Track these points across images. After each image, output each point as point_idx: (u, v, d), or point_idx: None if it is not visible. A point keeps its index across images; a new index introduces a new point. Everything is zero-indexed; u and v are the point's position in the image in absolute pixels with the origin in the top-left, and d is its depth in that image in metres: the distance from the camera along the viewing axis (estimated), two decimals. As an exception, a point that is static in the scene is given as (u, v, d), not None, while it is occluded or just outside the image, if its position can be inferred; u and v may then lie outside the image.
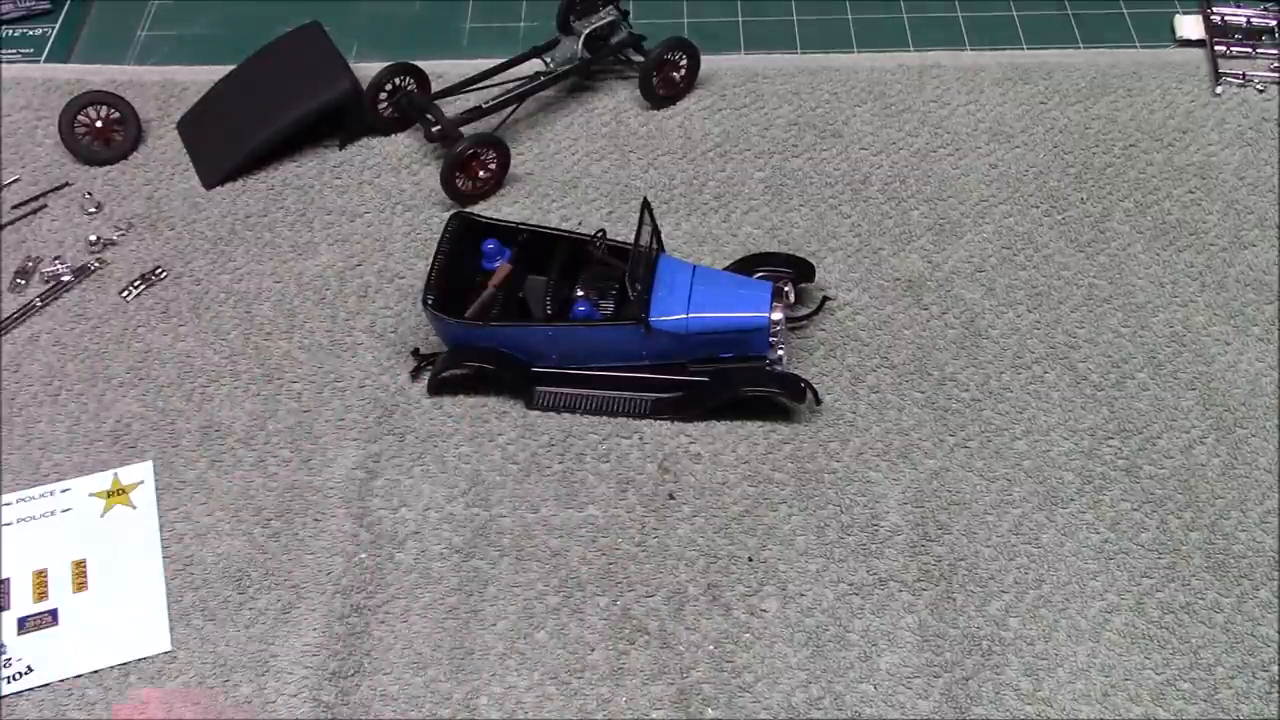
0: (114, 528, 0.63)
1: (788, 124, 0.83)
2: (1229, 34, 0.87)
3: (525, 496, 0.65)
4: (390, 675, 0.58)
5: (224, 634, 0.60)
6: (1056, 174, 0.79)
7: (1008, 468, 0.65)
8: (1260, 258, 0.74)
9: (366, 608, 0.61)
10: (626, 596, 0.61)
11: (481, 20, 0.92)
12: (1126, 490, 0.64)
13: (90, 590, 0.61)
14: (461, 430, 0.67)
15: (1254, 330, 0.71)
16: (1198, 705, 0.57)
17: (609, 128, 0.83)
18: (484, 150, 0.78)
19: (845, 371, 0.70)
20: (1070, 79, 0.85)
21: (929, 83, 0.85)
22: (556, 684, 0.58)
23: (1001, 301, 0.73)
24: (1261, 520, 0.63)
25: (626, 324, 0.66)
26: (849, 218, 0.77)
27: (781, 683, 0.58)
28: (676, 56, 0.83)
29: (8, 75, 0.87)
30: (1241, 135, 0.81)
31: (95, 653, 0.59)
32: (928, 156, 0.81)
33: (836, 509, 0.64)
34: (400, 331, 0.72)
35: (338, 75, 0.81)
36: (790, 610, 0.60)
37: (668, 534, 0.63)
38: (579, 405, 0.68)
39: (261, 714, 0.57)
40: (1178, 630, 0.59)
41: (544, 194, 0.79)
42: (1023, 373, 0.69)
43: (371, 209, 0.78)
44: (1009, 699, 0.57)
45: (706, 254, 0.75)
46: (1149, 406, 0.68)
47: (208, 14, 0.93)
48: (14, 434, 0.68)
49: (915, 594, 0.61)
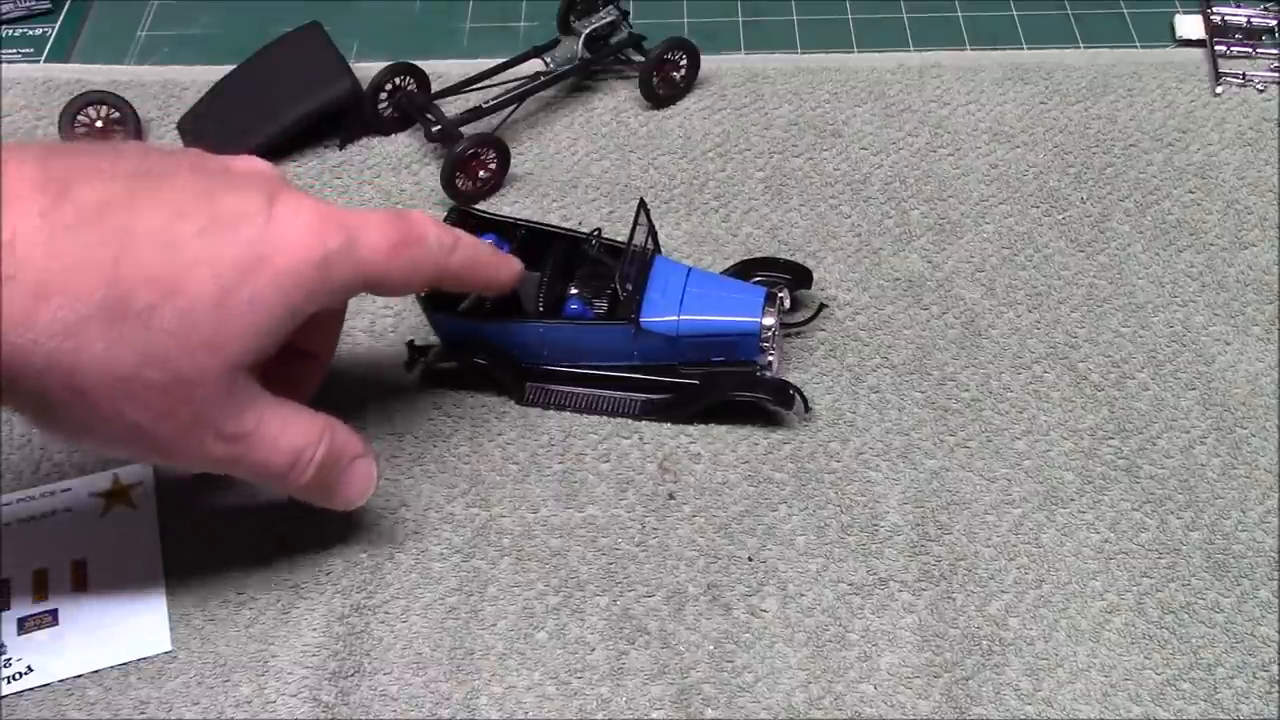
0: (114, 528, 0.63)
1: (788, 124, 0.83)
2: (1229, 34, 0.87)
3: (525, 496, 0.65)
4: (390, 675, 0.58)
5: (224, 634, 0.60)
6: (1056, 174, 0.79)
7: (1008, 468, 0.65)
8: (1260, 258, 0.74)
9: (366, 608, 0.61)
10: (626, 596, 0.61)
11: (481, 20, 0.92)
12: (1126, 490, 0.64)
13: (90, 590, 0.61)
14: (461, 430, 0.67)
15: (1254, 330, 0.71)
16: (1198, 705, 0.57)
17: (609, 128, 0.83)
18: (484, 150, 0.78)
19: (845, 371, 0.70)
20: (1070, 79, 0.85)
21: (929, 83, 0.85)
22: (556, 684, 0.58)
23: (1001, 301, 0.73)
24: (1261, 520, 0.63)
25: (617, 324, 0.66)
26: (849, 218, 0.77)
27: (781, 683, 0.58)
28: (676, 56, 0.83)
29: (8, 75, 0.87)
30: (1241, 135, 0.81)
31: (95, 653, 0.59)
32: (928, 156, 0.81)
33: (836, 509, 0.64)
34: (400, 331, 0.72)
35: (338, 75, 0.81)
36: (790, 610, 0.60)
37: (668, 534, 0.63)
38: (569, 403, 0.68)
39: (261, 714, 0.57)
40: (1178, 630, 0.59)
41: (544, 194, 0.79)
42: (1023, 373, 0.69)
43: (371, 209, 0.78)
44: (1009, 699, 0.57)
45: (706, 254, 0.75)
46: (1149, 406, 0.68)
47: (208, 14, 0.93)
48: (14, 434, 0.68)
49: (915, 594, 0.61)
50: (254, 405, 0.53)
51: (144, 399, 0.49)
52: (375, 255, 0.54)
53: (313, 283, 0.52)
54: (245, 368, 0.51)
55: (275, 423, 0.54)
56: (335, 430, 0.57)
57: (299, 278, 0.51)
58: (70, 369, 0.47)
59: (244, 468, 0.54)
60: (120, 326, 0.47)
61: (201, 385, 0.50)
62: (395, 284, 0.56)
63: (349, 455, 0.58)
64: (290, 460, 0.55)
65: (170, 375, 0.49)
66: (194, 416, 0.50)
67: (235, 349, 0.50)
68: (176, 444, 0.51)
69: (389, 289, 0.57)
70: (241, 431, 0.52)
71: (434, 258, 0.57)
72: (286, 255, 0.50)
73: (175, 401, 0.50)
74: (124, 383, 0.48)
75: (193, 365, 0.49)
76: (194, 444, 0.52)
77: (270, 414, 0.54)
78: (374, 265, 0.54)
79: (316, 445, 0.55)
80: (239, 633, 0.60)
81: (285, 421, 0.54)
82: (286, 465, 0.55)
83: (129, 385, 0.48)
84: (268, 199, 0.51)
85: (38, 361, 0.46)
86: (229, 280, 0.49)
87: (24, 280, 0.45)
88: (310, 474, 0.55)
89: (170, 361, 0.48)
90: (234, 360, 0.50)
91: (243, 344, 0.50)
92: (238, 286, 0.49)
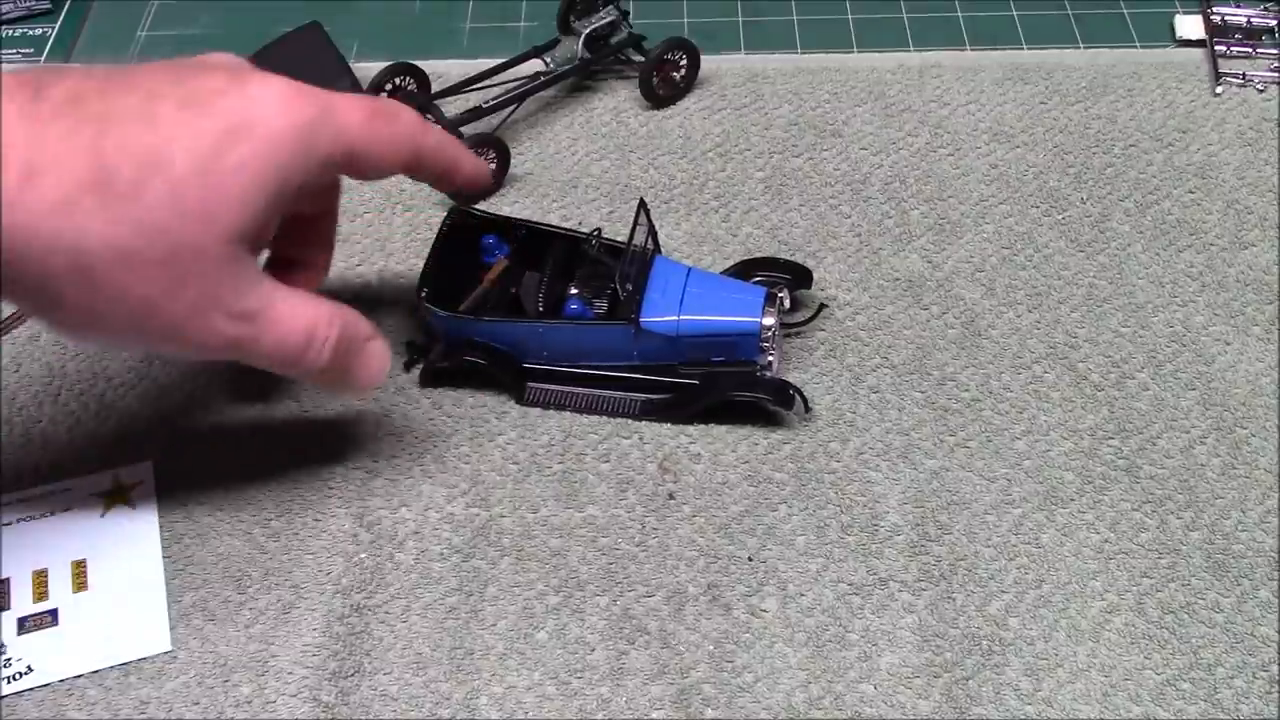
0: (114, 528, 0.63)
1: (788, 124, 0.83)
2: (1229, 34, 0.87)
3: (525, 496, 0.65)
4: (390, 675, 0.58)
5: (224, 634, 0.60)
6: (1056, 174, 0.79)
7: (1008, 468, 0.65)
8: (1260, 258, 0.74)
9: (366, 608, 0.61)
10: (626, 596, 0.61)
11: (481, 20, 0.92)
12: (1126, 490, 0.64)
13: (90, 590, 0.61)
14: (461, 430, 0.67)
15: (1254, 330, 0.71)
16: (1198, 705, 0.57)
17: (609, 128, 0.83)
18: (484, 150, 0.78)
19: (845, 371, 0.70)
20: (1070, 79, 0.85)
21: (929, 83, 0.85)
22: (556, 684, 0.58)
23: (1001, 301, 0.73)
24: (1261, 520, 0.63)
25: (617, 324, 0.66)
26: (849, 218, 0.77)
27: (781, 683, 0.58)
28: (676, 56, 0.83)
29: (8, 75, 0.87)
30: (1241, 135, 0.81)
31: (95, 653, 0.59)
32: (928, 156, 0.81)
33: (836, 509, 0.64)
34: (400, 332, 0.72)
35: (338, 75, 0.81)
36: (790, 610, 0.60)
37: (668, 534, 0.63)
38: (568, 403, 0.68)
39: (261, 714, 0.57)
40: (1178, 630, 0.59)
41: (544, 194, 0.79)
42: (1023, 373, 0.69)
43: (371, 209, 0.78)
44: (1009, 699, 0.57)
45: (706, 254, 0.75)
46: (1149, 406, 0.68)
47: (208, 14, 0.93)
48: (14, 434, 0.68)
49: (915, 594, 0.61)
50: (260, 285, 0.54)
51: (147, 274, 0.49)
52: (351, 123, 0.54)
53: (295, 150, 0.52)
54: (244, 242, 0.52)
55: (285, 304, 0.54)
56: (346, 312, 0.57)
57: (281, 144, 0.51)
58: (73, 246, 0.48)
59: (259, 349, 0.54)
60: (113, 201, 0.48)
61: (201, 256, 0.50)
62: (374, 156, 0.56)
63: (362, 336, 0.58)
64: (305, 339, 0.55)
65: (169, 248, 0.49)
66: (200, 292, 0.51)
67: (228, 219, 0.51)
68: (186, 324, 0.52)
69: (369, 162, 0.56)
70: (250, 309, 0.53)
71: (410, 132, 0.58)
72: (266, 124, 0.51)
73: (178, 275, 0.50)
74: (125, 257, 0.49)
75: (189, 235, 0.50)
76: (204, 323, 0.52)
77: (279, 296, 0.54)
78: (352, 134, 0.54)
79: (330, 324, 0.56)
80: (239, 633, 0.60)
81: (296, 302, 0.55)
82: (302, 344, 0.55)
83: (130, 259, 0.49)
84: (238, 78, 0.52)
85: (40, 242, 0.47)
86: (211, 149, 0.50)
87: (11, 161, 0.47)
88: (327, 354, 0.56)
89: (167, 233, 0.49)
90: (230, 230, 0.51)
91: (235, 213, 0.51)
92: (221, 155, 0.50)
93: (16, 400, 0.69)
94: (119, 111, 0.49)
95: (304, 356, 0.55)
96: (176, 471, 0.66)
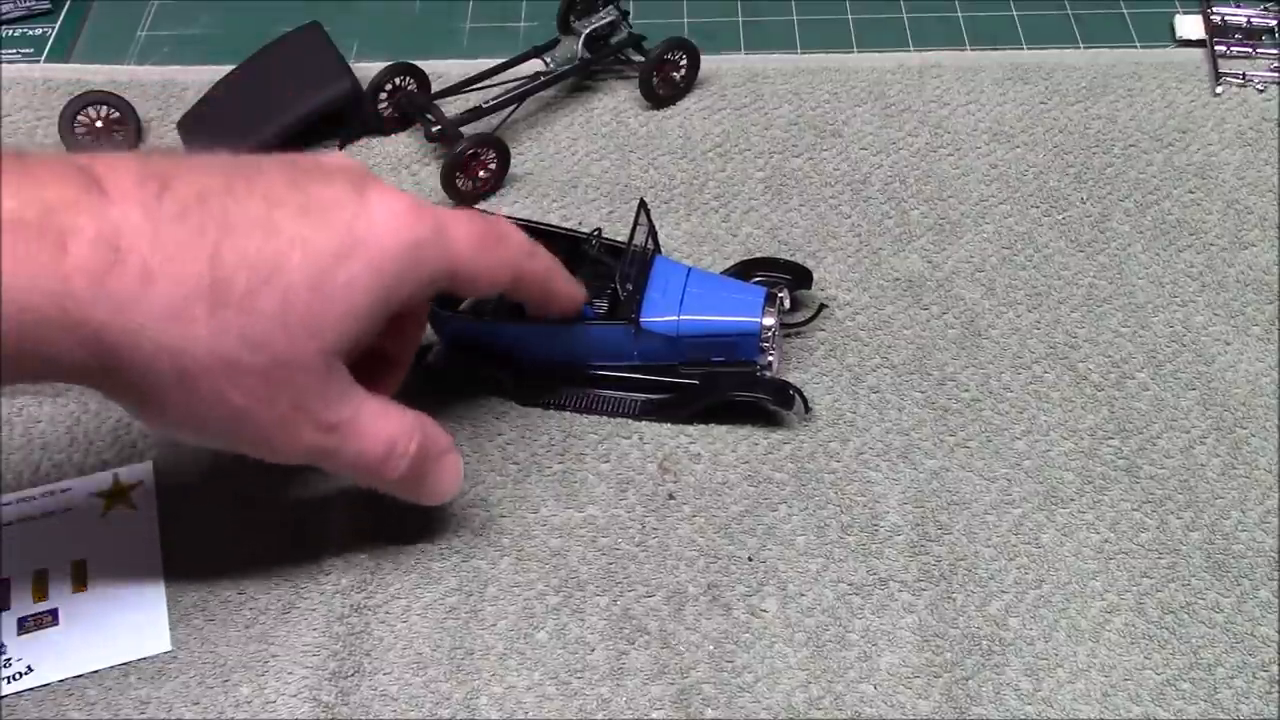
0: (114, 528, 0.63)
1: (788, 124, 0.83)
2: (1229, 34, 0.87)
3: (525, 496, 0.65)
4: (390, 675, 0.58)
5: (224, 634, 0.60)
6: (1056, 174, 0.79)
7: (1008, 468, 0.65)
8: (1260, 258, 0.74)
9: (366, 608, 0.61)
10: (626, 596, 0.61)
11: (481, 20, 0.92)
12: (1126, 490, 0.64)
13: (90, 590, 0.61)
14: (461, 430, 0.67)
15: (1254, 330, 0.71)
16: (1198, 705, 0.57)
17: (609, 128, 0.83)
18: (484, 150, 0.78)
19: (845, 371, 0.70)
20: (1070, 79, 0.85)
21: (929, 83, 0.85)
22: (556, 684, 0.58)
23: (1001, 301, 0.73)
24: (1261, 520, 0.63)
25: (617, 324, 0.66)
26: (849, 218, 0.77)
27: (781, 683, 0.58)
28: (676, 56, 0.83)
29: (7, 75, 0.87)
30: (1241, 135, 0.81)
31: (95, 653, 0.59)
32: (928, 156, 0.81)
33: (836, 509, 0.64)
34: (400, 331, 0.72)
35: (338, 75, 0.81)
36: (790, 610, 0.60)
37: (668, 534, 0.63)
38: (569, 403, 0.68)
39: (261, 714, 0.57)
40: (1178, 630, 0.59)
41: (544, 194, 0.79)
42: (1023, 373, 0.69)
43: (371, 209, 0.78)
44: (1009, 699, 0.57)
45: (706, 254, 0.75)
46: (1149, 406, 0.68)
47: (208, 14, 0.93)
48: (14, 434, 0.68)
49: (915, 594, 0.61)
50: (350, 395, 0.54)
51: (246, 384, 0.50)
52: (462, 244, 0.55)
53: (405, 268, 0.52)
54: (341, 355, 0.52)
55: (370, 414, 0.55)
56: (426, 424, 0.58)
57: (393, 262, 0.52)
58: (178, 352, 0.48)
59: (340, 459, 0.55)
60: (223, 310, 0.48)
61: (301, 370, 0.51)
62: (481, 278, 0.57)
63: (440, 449, 0.59)
64: (385, 451, 0.55)
65: (271, 359, 0.50)
66: (293, 403, 0.51)
67: (332, 333, 0.51)
68: (276, 432, 0.52)
69: (474, 283, 0.57)
70: (338, 420, 0.53)
71: (516, 258, 0.59)
72: (380, 240, 0.51)
73: (276, 386, 0.50)
74: (228, 366, 0.49)
75: (292, 349, 0.50)
76: (292, 432, 0.52)
77: (365, 405, 0.55)
78: (461, 255, 0.55)
79: (410, 437, 0.56)
80: (239, 633, 0.60)
81: (379, 414, 0.55)
82: (382, 456, 0.55)
83: (232, 369, 0.49)
84: (359, 188, 0.52)
85: (146, 345, 0.47)
86: (325, 263, 0.50)
87: (131, 264, 0.47)
88: (404, 466, 0.56)
89: (271, 345, 0.49)
90: (331, 344, 0.51)
91: (339, 328, 0.51)
92: (334, 270, 0.50)
93: (16, 400, 0.69)
94: (239, 217, 0.49)
95: (382, 468, 0.56)
96: (176, 471, 0.66)
